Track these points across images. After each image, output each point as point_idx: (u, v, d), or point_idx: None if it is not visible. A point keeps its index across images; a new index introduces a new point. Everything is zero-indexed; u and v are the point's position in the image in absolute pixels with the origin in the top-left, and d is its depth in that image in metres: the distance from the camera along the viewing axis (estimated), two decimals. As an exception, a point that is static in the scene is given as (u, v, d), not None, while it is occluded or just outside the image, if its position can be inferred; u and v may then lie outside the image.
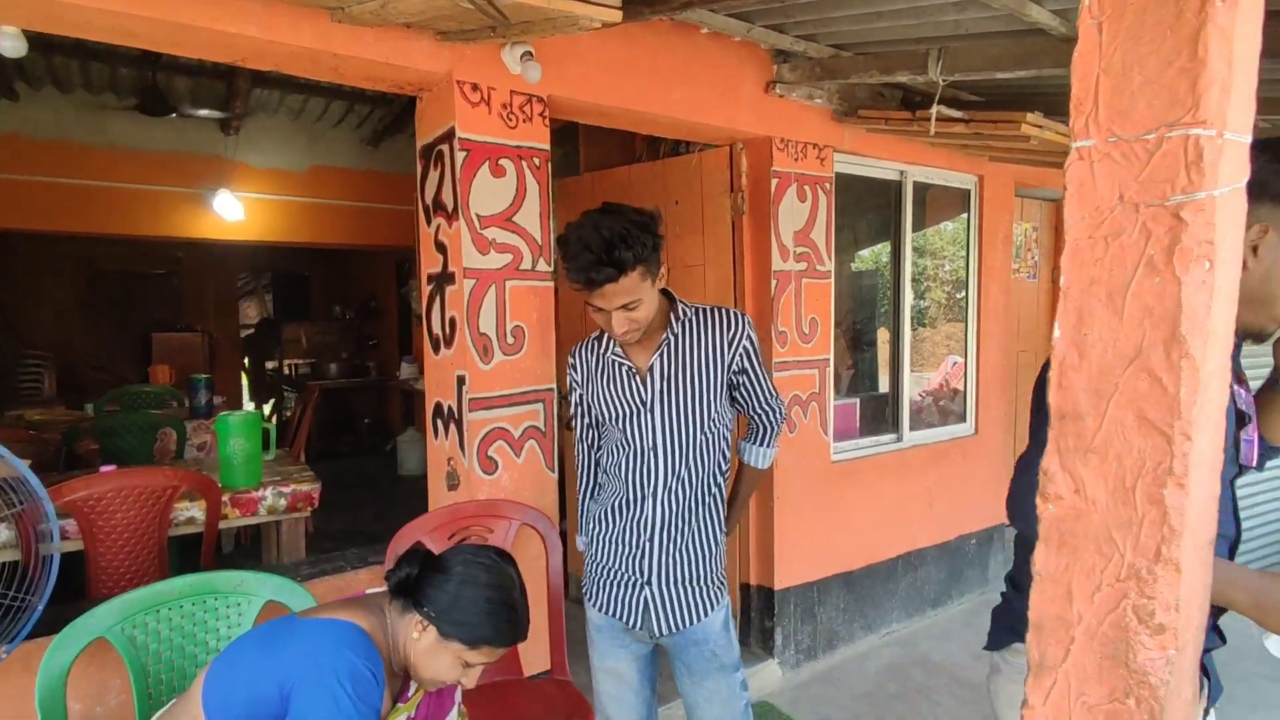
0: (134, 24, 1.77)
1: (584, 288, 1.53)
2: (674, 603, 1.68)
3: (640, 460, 1.67)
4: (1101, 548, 0.71)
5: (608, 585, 1.74)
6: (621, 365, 1.70)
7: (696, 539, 1.69)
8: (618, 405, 1.69)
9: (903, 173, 3.60)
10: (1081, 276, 0.71)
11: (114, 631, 1.53)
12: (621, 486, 1.71)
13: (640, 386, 1.67)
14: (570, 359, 1.80)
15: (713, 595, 1.70)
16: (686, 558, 1.68)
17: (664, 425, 1.65)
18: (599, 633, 1.78)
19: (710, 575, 1.71)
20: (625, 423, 1.68)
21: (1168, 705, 0.68)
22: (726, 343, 1.67)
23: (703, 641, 1.69)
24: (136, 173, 5.10)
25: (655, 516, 1.67)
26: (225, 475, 2.64)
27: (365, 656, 1.18)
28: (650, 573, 1.68)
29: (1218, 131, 0.63)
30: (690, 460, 1.66)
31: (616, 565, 1.72)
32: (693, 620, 1.68)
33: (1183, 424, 0.66)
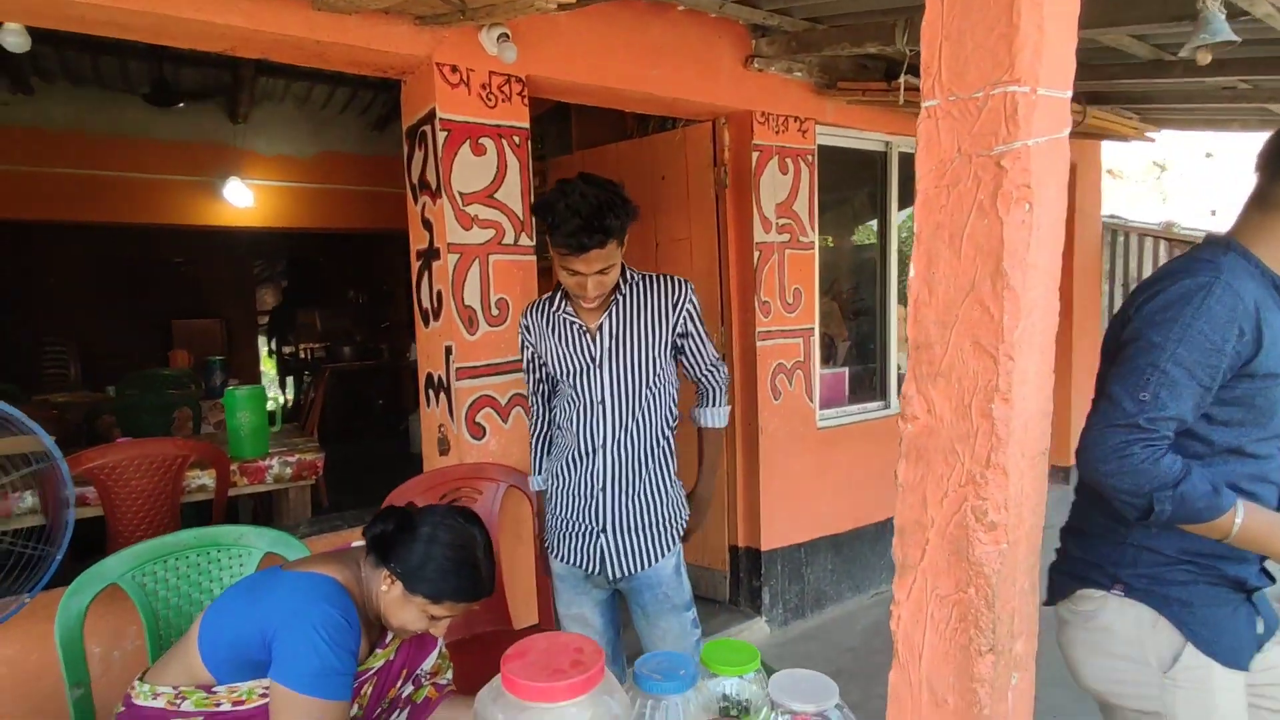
0: (125, 17, 1.88)
1: (571, 253, 1.61)
2: (628, 549, 1.79)
3: (590, 414, 1.77)
4: (947, 458, 0.81)
5: (568, 536, 1.85)
6: (572, 324, 1.79)
7: (647, 488, 1.80)
8: (568, 362, 1.79)
9: (887, 144, 3.66)
10: (930, 222, 0.81)
11: (126, 579, 1.68)
12: (574, 440, 1.81)
13: (590, 343, 1.77)
14: (522, 320, 1.91)
15: (664, 541, 1.81)
16: (637, 505, 1.79)
17: (612, 381, 1.76)
18: (561, 582, 1.90)
19: (661, 522, 1.81)
20: (575, 378, 1.78)
21: (999, 591, 0.78)
22: (671, 305, 1.77)
23: (656, 584, 1.81)
24: (149, 162, 5.25)
25: (606, 467, 1.77)
26: (234, 446, 2.79)
27: (340, 606, 1.29)
28: (605, 520, 1.79)
29: (1031, 88, 0.72)
30: (637, 414, 1.77)
31: (573, 516, 1.83)
32: (645, 564, 1.80)
33: (1006, 346, 0.75)
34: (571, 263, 1.63)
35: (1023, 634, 0.82)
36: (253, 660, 1.30)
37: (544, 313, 1.85)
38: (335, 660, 1.25)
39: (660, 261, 3.38)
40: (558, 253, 1.64)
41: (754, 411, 3.17)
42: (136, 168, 5.18)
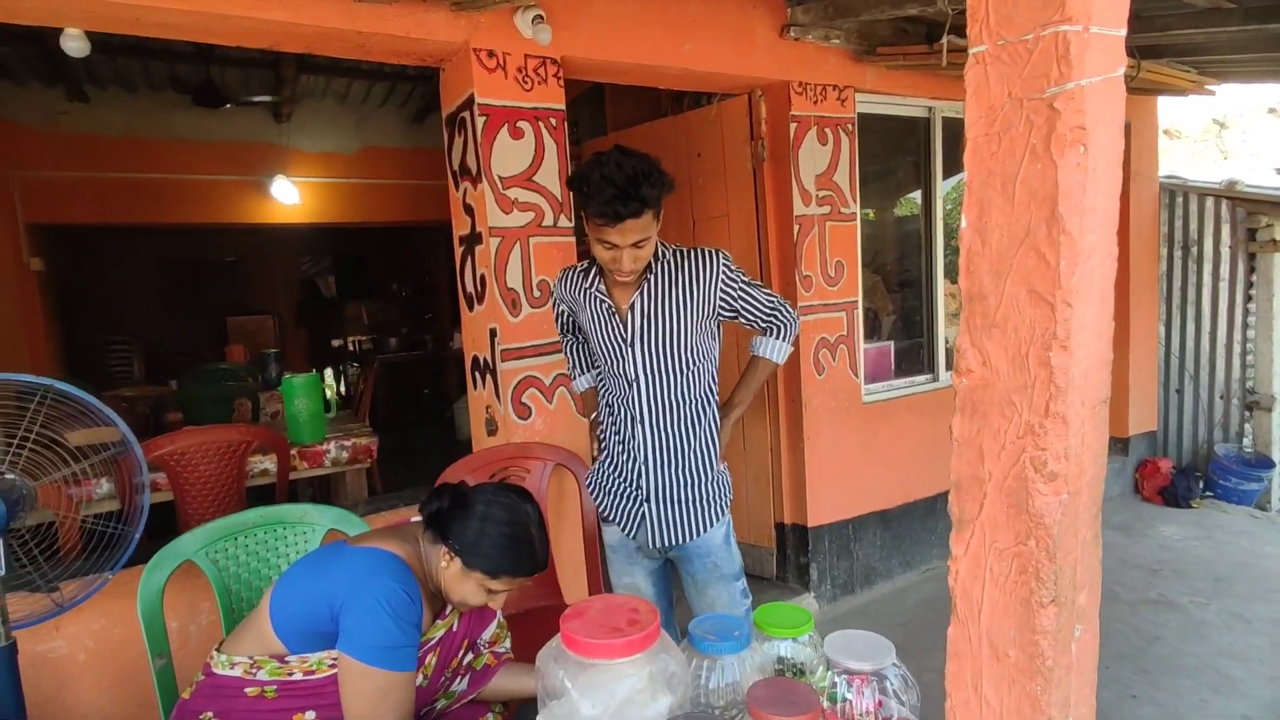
0: (176, 17, 1.95)
1: (607, 223, 1.57)
2: (670, 520, 1.79)
3: (627, 391, 1.78)
4: (1004, 410, 0.80)
5: (616, 497, 1.86)
6: (603, 303, 1.77)
7: (689, 462, 1.79)
8: (600, 340, 1.80)
9: (930, 109, 3.57)
10: (981, 170, 0.80)
11: (199, 555, 1.77)
12: (615, 411, 1.83)
13: (620, 325, 1.76)
14: (555, 285, 1.93)
15: (711, 514, 1.81)
16: (680, 480, 1.79)
17: (644, 360, 1.74)
18: (614, 552, 1.93)
19: (706, 496, 1.80)
20: (609, 356, 1.79)
21: (1061, 543, 0.77)
22: (704, 279, 1.73)
23: (705, 554, 1.82)
24: (199, 164, 5.43)
25: (646, 442, 1.78)
26: (293, 431, 2.89)
27: (403, 581, 1.34)
28: (648, 490, 1.80)
29: (1084, 27, 0.70)
30: (672, 393, 1.76)
31: (620, 479, 1.85)
32: (689, 536, 1.79)
33: (1064, 293, 0.74)
34: (607, 234, 1.60)
35: (1085, 585, 0.81)
36: (321, 632, 1.35)
37: (576, 285, 1.85)
38: (399, 633, 1.29)
39: (698, 239, 3.37)
40: (593, 224, 1.61)
41: (797, 387, 3.15)
42: (188, 169, 5.36)
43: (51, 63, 4.23)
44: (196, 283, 8.30)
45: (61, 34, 2.35)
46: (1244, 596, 3.25)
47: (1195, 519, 4.25)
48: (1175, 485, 4.47)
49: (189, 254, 8.07)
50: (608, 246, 1.63)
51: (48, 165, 4.88)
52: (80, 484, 2.24)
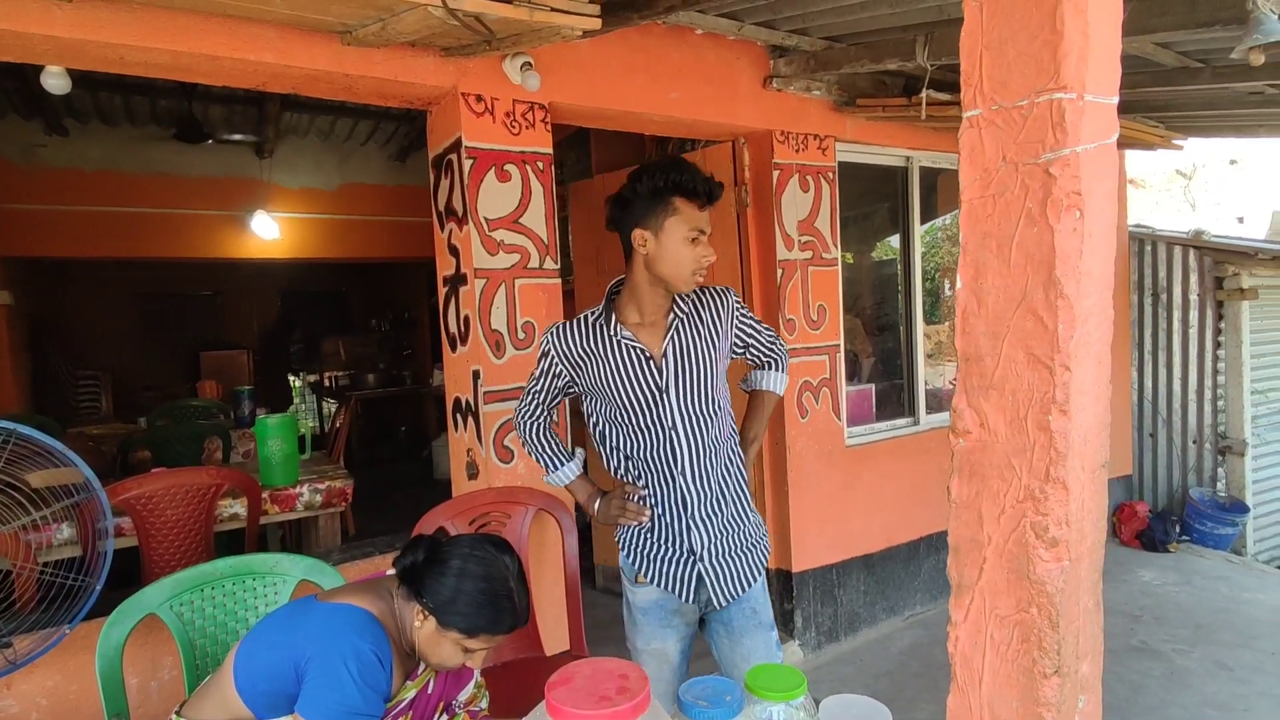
0: (162, 57, 1.94)
1: (701, 204, 1.56)
2: (726, 574, 1.68)
3: (663, 444, 1.65)
4: (1003, 474, 0.79)
5: (658, 561, 1.71)
6: (634, 348, 1.63)
7: (732, 509, 1.70)
8: (633, 392, 1.64)
9: (908, 159, 3.65)
10: (976, 231, 0.80)
11: (164, 608, 1.68)
12: (649, 470, 1.68)
13: (655, 372, 1.63)
14: (551, 340, 1.70)
15: (758, 559, 1.72)
16: (729, 529, 1.69)
17: (680, 406, 1.63)
18: (645, 615, 1.75)
19: (750, 542, 1.72)
20: (643, 408, 1.64)
21: (1064, 611, 0.75)
22: (722, 317, 1.69)
23: (745, 599, 1.71)
24: (179, 199, 5.39)
25: (690, 494, 1.66)
26: (265, 474, 2.81)
27: (373, 641, 1.27)
28: (700, 548, 1.67)
29: (1078, 94, 0.71)
30: (708, 436, 1.66)
31: (664, 542, 1.70)
32: (745, 587, 1.69)
33: (1062, 357, 0.74)
34: (700, 220, 1.55)
35: (1088, 654, 0.79)
36: (288, 694, 1.28)
37: (590, 336, 1.66)
38: (360, 700, 1.22)
39: (683, 282, 3.38)
40: (688, 205, 1.54)
41: (781, 430, 3.14)
42: (168, 204, 5.31)
43: (30, 96, 4.20)
44: (169, 316, 8.17)
45: (42, 71, 2.33)
46: (1226, 644, 3.25)
47: (1173, 563, 4.27)
48: (1153, 529, 4.50)
49: (162, 287, 7.96)
50: (695, 238, 1.56)
51: (24, 198, 4.81)
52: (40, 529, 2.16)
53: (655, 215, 1.56)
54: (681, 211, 1.54)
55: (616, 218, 1.62)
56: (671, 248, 1.56)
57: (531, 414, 1.81)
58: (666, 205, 1.55)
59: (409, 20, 1.74)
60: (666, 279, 1.59)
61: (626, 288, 1.66)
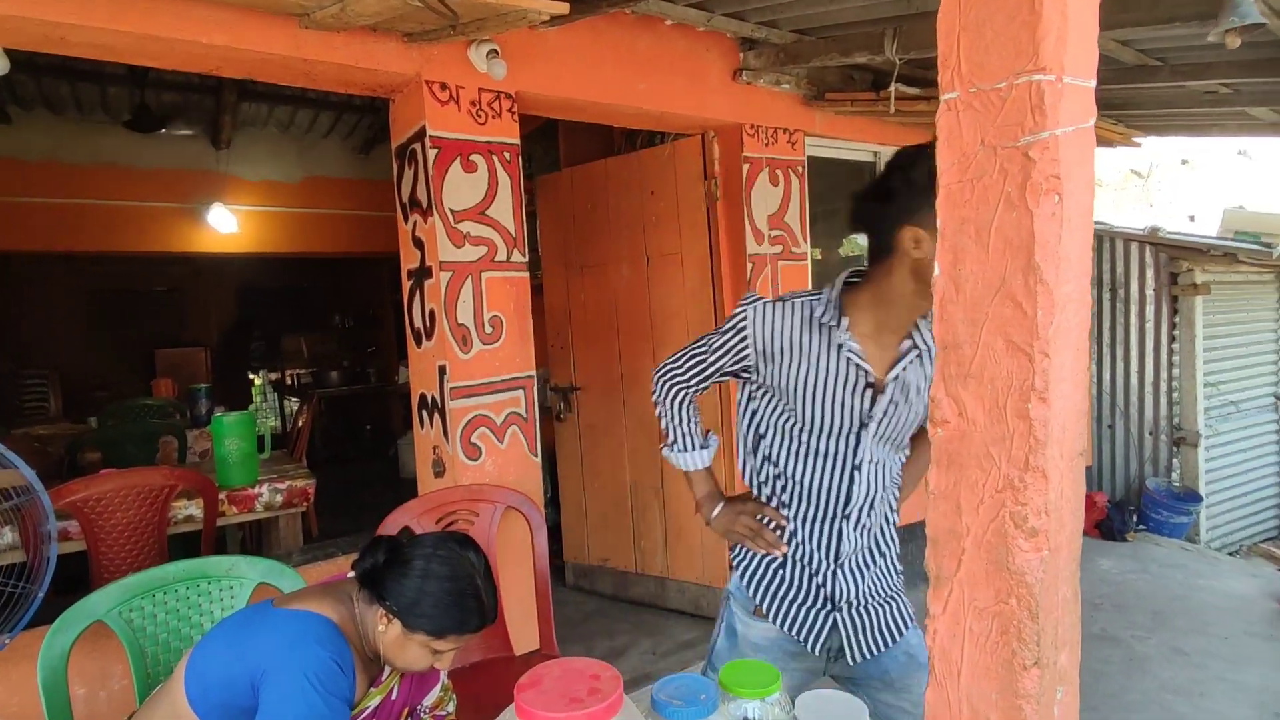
0: (109, 38, 1.85)
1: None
2: (866, 626, 1.47)
3: (839, 479, 1.42)
4: (982, 463, 0.77)
5: (786, 600, 1.49)
6: (856, 368, 1.35)
7: (888, 564, 1.50)
8: (832, 410, 1.38)
9: (876, 154, 3.67)
10: (954, 217, 0.78)
11: (112, 615, 1.61)
12: (806, 501, 1.45)
13: (867, 401, 1.36)
14: (753, 317, 1.40)
15: (902, 610, 1.49)
16: (880, 582, 1.48)
17: (874, 446, 1.40)
18: (756, 653, 1.51)
19: (895, 590, 1.51)
20: (834, 433, 1.40)
21: (1043, 602, 0.74)
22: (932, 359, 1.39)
23: (898, 647, 1.48)
24: (131, 190, 5.20)
25: (850, 541, 1.44)
26: (222, 474, 2.72)
27: (333, 649, 1.22)
28: (841, 598, 1.45)
29: (1057, 76, 0.70)
30: (886, 486, 1.45)
31: (796, 583, 1.48)
32: (891, 641, 1.47)
33: (1041, 343, 0.72)
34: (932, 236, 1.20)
35: (1066, 645, 0.78)
36: (242, 706, 1.22)
37: (806, 330, 1.37)
38: (325, 709, 1.17)
39: (652, 277, 3.35)
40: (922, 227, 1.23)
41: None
42: (118, 195, 5.12)
43: (-31, 81, 4.00)
44: (122, 313, 7.88)
45: (-21, 51, 2.20)
46: (1182, 630, 3.34)
47: (1131, 552, 4.38)
48: (1111, 519, 4.62)
49: (115, 283, 7.68)
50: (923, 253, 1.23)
51: (-37, 189, 4.60)
52: (-22, 535, 2.05)
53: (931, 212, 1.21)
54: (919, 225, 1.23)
55: (873, 212, 1.32)
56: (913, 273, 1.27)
57: (684, 380, 1.54)
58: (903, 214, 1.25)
59: (369, 2, 1.68)
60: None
61: (870, 291, 1.35)
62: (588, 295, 3.64)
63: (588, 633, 3.30)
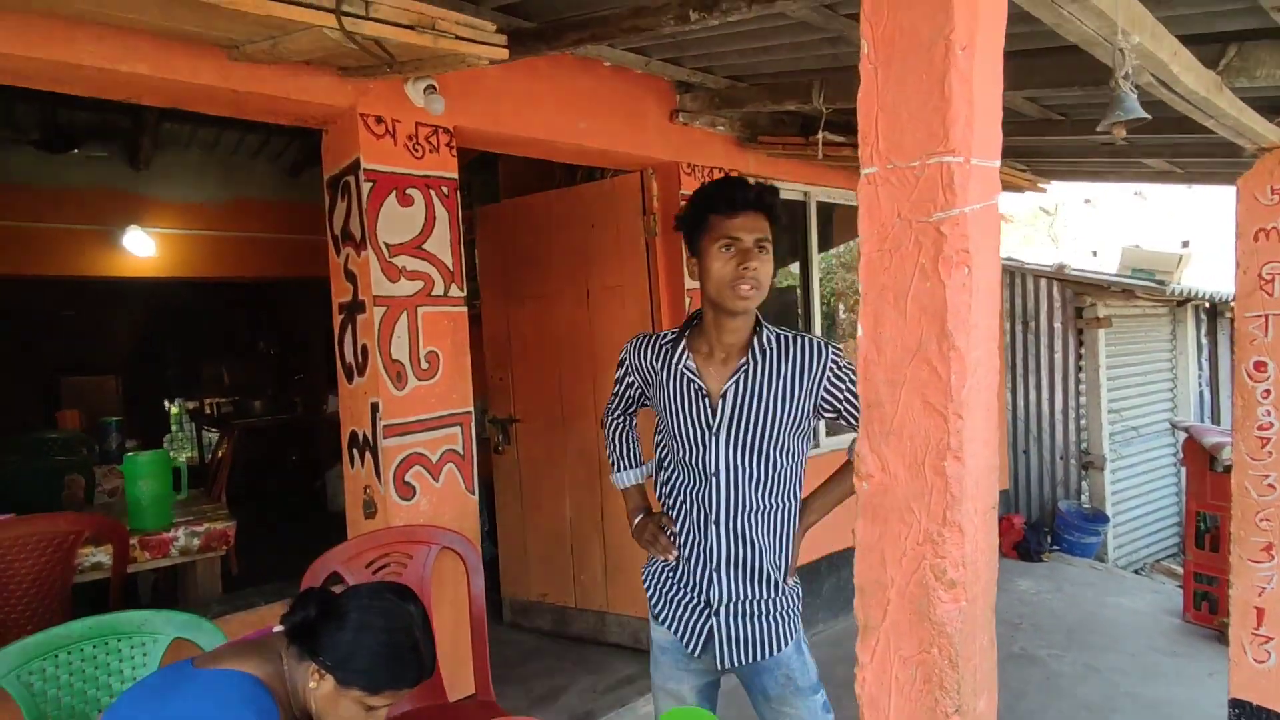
0: (22, 64, 1.76)
1: (729, 211, 1.44)
2: (741, 635, 1.56)
3: (703, 486, 1.56)
4: (904, 516, 0.82)
5: (675, 604, 1.63)
6: (692, 383, 1.55)
7: (764, 574, 1.56)
8: (681, 426, 1.56)
9: (806, 193, 3.81)
10: (875, 284, 0.83)
11: (9, 679, 1.49)
12: (686, 509, 1.60)
13: (709, 412, 1.53)
14: (628, 352, 1.70)
15: (786, 629, 1.59)
16: (754, 593, 1.56)
17: (728, 454, 1.52)
18: (663, 653, 1.68)
19: (781, 609, 1.59)
20: (687, 445, 1.56)
21: (962, 650, 0.78)
22: (806, 375, 1.52)
23: (776, 666, 1.59)
24: (39, 211, 4.89)
25: (720, 547, 1.55)
26: (134, 517, 2.57)
27: (261, 710, 1.16)
28: (717, 603, 1.56)
29: (965, 158, 0.76)
30: (756, 494, 1.54)
31: (683, 586, 1.62)
32: (761, 655, 1.57)
33: (955, 405, 0.77)
34: (729, 228, 1.43)
35: (985, 690, 0.83)
36: None
37: (659, 356, 1.61)
38: None
39: (593, 309, 3.37)
40: (710, 232, 1.46)
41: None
42: (26, 217, 4.81)
43: None
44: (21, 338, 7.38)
45: None
46: (1095, 647, 3.52)
47: (1047, 572, 4.61)
48: (1028, 540, 4.84)
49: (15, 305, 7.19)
50: (727, 246, 1.44)
51: None
52: None
53: (697, 238, 1.50)
54: (713, 226, 1.47)
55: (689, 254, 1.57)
56: (707, 265, 1.48)
57: (615, 410, 1.83)
58: (703, 224, 1.49)
59: (302, 40, 1.66)
60: (713, 300, 1.49)
61: (703, 317, 1.58)
62: (528, 327, 3.63)
63: (527, 673, 3.23)
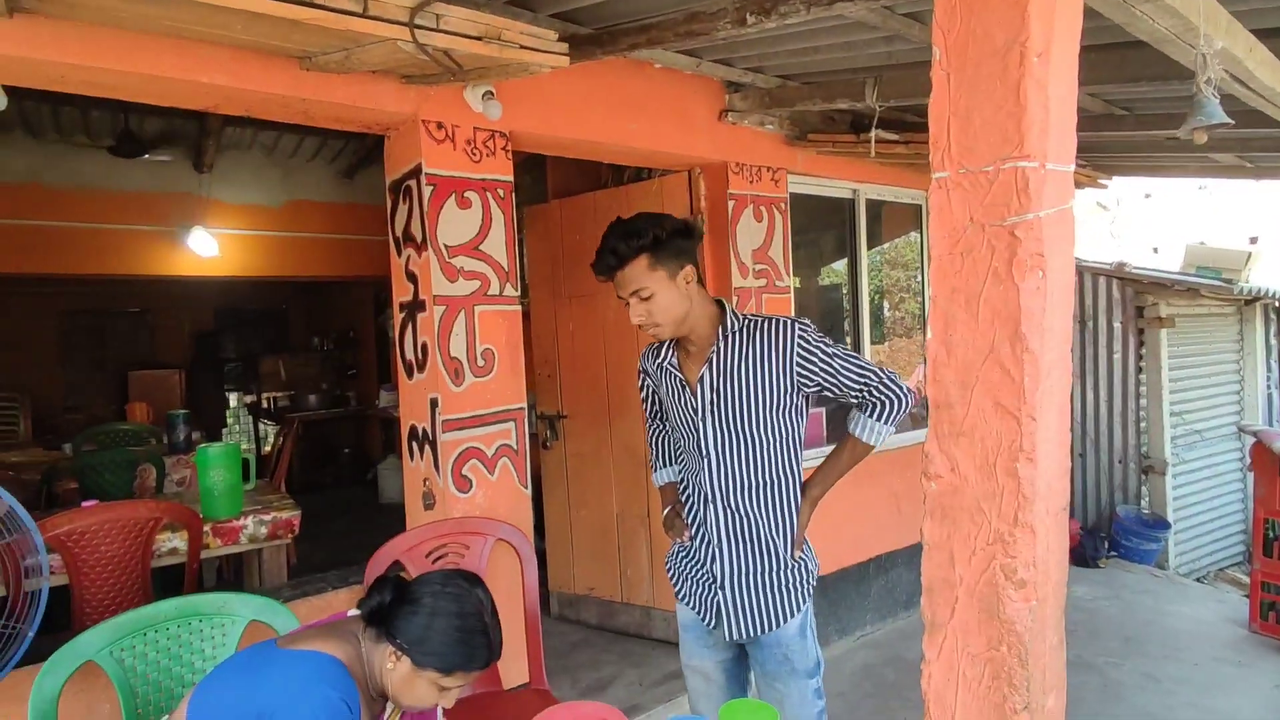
0: (106, 77, 1.87)
1: (604, 279, 1.65)
2: (748, 609, 1.67)
3: (700, 467, 1.70)
4: (974, 517, 0.83)
5: (689, 580, 1.79)
6: (676, 377, 1.74)
7: (762, 547, 1.67)
8: (676, 414, 1.76)
9: (855, 191, 3.78)
10: (945, 286, 0.84)
11: (103, 655, 1.60)
12: (692, 491, 1.76)
13: (692, 397, 1.70)
14: (641, 357, 1.91)
15: (789, 603, 1.68)
16: (755, 566, 1.67)
17: (715, 436, 1.67)
18: (686, 632, 1.83)
19: (784, 583, 1.68)
20: (685, 430, 1.74)
21: (1032, 649, 0.79)
22: (776, 354, 1.62)
23: (776, 644, 1.69)
24: (110, 213, 5.14)
25: (719, 523, 1.69)
26: (206, 506, 2.70)
27: (341, 689, 1.23)
28: (721, 577, 1.69)
29: (1040, 163, 0.77)
30: (747, 471, 1.66)
31: (694, 563, 1.77)
32: (764, 628, 1.67)
33: (1029, 408, 0.78)
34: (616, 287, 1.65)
35: (1054, 689, 0.83)
36: None
37: (653, 360, 1.82)
38: None
39: (640, 308, 3.41)
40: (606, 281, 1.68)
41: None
42: (98, 219, 5.06)
43: (-50, 104, 3.97)
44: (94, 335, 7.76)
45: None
46: (1153, 656, 3.42)
47: (1103, 578, 4.48)
48: (1084, 546, 4.72)
49: (87, 303, 7.56)
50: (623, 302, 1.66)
51: (-62, 211, 4.53)
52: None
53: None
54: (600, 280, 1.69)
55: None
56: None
57: (648, 420, 2.02)
58: None
59: (375, 52, 1.73)
60: None
61: None
62: (576, 324, 3.69)
63: (574, 664, 3.29)
